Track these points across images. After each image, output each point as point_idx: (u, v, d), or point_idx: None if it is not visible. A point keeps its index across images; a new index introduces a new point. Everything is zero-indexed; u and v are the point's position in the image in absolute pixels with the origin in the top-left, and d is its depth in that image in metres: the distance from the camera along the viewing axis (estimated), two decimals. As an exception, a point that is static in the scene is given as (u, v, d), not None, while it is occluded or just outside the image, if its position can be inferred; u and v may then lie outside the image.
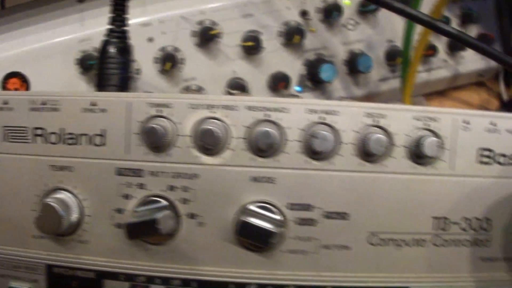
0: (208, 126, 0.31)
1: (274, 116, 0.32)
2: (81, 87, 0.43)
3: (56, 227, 0.32)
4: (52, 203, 0.32)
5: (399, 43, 0.47)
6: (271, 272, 0.33)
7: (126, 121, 0.33)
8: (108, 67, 0.35)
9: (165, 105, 0.32)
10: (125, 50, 0.36)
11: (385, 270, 0.33)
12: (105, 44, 0.36)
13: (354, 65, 0.45)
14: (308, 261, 0.32)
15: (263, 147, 0.31)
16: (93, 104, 0.33)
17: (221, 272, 0.33)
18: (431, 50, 0.48)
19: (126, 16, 0.37)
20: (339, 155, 0.32)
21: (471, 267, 0.34)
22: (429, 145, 0.31)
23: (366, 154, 0.32)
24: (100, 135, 0.33)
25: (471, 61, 0.51)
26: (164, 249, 0.33)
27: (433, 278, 0.33)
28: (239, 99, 0.32)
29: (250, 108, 0.32)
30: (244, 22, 0.44)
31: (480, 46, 0.38)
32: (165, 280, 0.33)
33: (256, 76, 0.45)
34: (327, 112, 0.32)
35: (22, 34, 0.45)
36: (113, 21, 0.36)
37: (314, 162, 0.32)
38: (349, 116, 0.32)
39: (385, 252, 0.33)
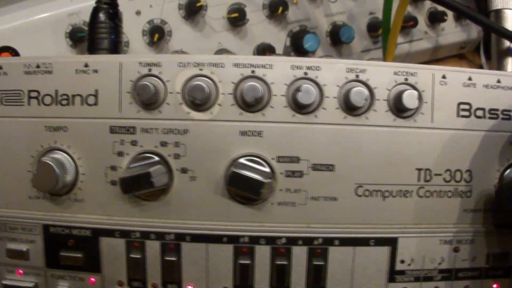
0: (197, 82, 0.33)
1: (260, 72, 0.33)
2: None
3: (52, 185, 0.33)
4: (48, 161, 0.33)
5: (380, 15, 0.49)
6: (262, 224, 0.34)
7: (118, 81, 0.34)
8: (99, 31, 0.36)
9: (155, 64, 0.33)
10: (115, 16, 0.37)
11: (372, 221, 0.34)
12: (96, 10, 0.37)
13: (337, 36, 0.46)
14: (297, 212, 0.34)
15: (250, 101, 0.32)
16: (86, 66, 0.34)
17: (213, 225, 0.34)
18: (411, 21, 0.50)
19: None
20: (323, 109, 0.33)
21: (454, 218, 0.35)
22: (408, 97, 0.33)
23: (348, 107, 0.33)
24: (93, 95, 0.34)
25: (452, 32, 0.53)
26: (157, 204, 0.34)
27: (419, 229, 0.34)
28: (225, 57, 0.33)
29: (236, 65, 0.33)
30: (229, -6, 0.45)
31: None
32: (160, 235, 0.34)
33: (241, 48, 0.46)
34: (310, 68, 0.33)
35: (11, 10, 0.45)
36: (103, -13, 0.37)
37: (299, 116, 0.33)
38: (331, 71, 0.33)
39: (372, 203, 0.34)
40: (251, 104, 0.33)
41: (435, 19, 0.51)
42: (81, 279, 0.36)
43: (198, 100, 0.32)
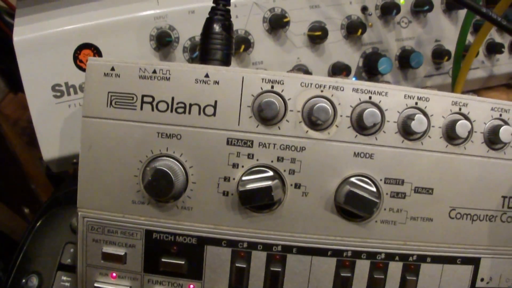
0: (321, 103, 0.34)
1: (376, 98, 0.35)
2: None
3: (167, 192, 0.34)
4: (164, 168, 0.33)
5: (445, 43, 0.52)
6: (364, 240, 0.36)
7: (239, 94, 0.34)
8: (213, 42, 0.36)
9: (278, 82, 0.34)
10: (229, 27, 0.37)
11: (461, 242, 0.37)
12: (210, 21, 0.37)
13: (406, 60, 0.49)
14: (397, 230, 0.36)
15: (369, 125, 0.34)
16: (207, 76, 0.34)
17: (320, 239, 0.35)
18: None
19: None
20: (428, 137, 0.36)
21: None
22: (504, 132, 0.36)
23: (450, 137, 0.36)
24: (212, 106, 0.35)
25: (506, 63, 0.57)
26: (268, 216, 0.35)
27: (499, 250, 0.38)
28: (344, 81, 0.35)
29: (355, 89, 0.35)
30: (311, 12, 0.47)
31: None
32: (267, 246, 0.35)
33: (318, 64, 0.48)
34: (420, 98, 0.36)
35: (98, 6, 0.44)
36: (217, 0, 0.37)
37: (407, 142, 0.36)
38: (439, 103, 0.36)
39: (462, 225, 0.37)
40: (367, 127, 0.35)
41: (492, 50, 0.55)
42: (180, 286, 0.36)
43: (321, 120, 0.34)
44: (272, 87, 0.34)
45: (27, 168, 0.83)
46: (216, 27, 0.36)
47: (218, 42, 0.36)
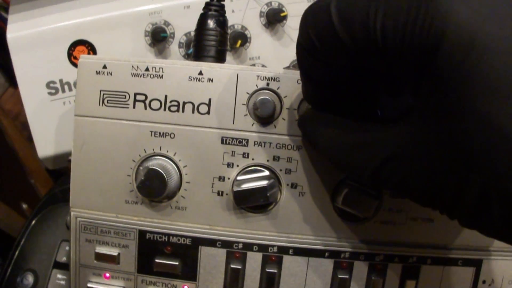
0: (318, 101, 0.33)
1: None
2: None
3: (161, 193, 0.33)
4: (158, 169, 0.33)
5: None
6: (362, 241, 0.35)
7: (234, 92, 0.34)
8: (207, 39, 0.36)
9: (274, 79, 0.34)
10: (223, 23, 0.36)
11: (463, 243, 0.36)
12: (204, 16, 0.36)
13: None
14: (396, 231, 0.35)
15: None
16: (200, 73, 0.34)
17: (317, 240, 0.35)
18: None
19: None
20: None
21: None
22: None
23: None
24: (206, 104, 0.34)
25: None
26: (263, 217, 0.34)
27: (501, 252, 0.37)
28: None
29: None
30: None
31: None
32: (263, 247, 0.35)
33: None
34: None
35: (92, 2, 0.44)
36: (212, -5, 0.36)
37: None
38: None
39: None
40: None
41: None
42: (174, 286, 0.35)
43: (318, 118, 0.33)
44: (268, 84, 0.34)
45: (26, 163, 0.83)
46: (210, 23, 0.36)
47: (212, 39, 0.36)
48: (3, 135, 0.83)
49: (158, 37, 0.42)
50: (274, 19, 0.44)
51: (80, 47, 0.43)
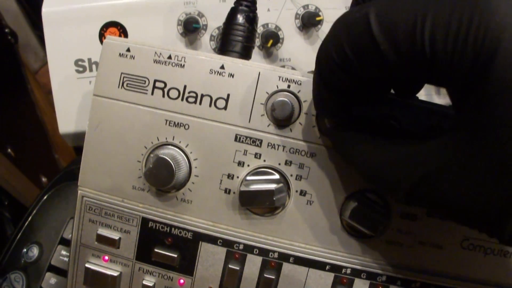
0: (338, 109, 0.32)
1: (398, 111, 0.33)
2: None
3: (167, 182, 0.33)
4: (167, 158, 0.32)
5: None
6: (366, 259, 0.34)
7: (253, 90, 0.33)
8: (234, 33, 0.35)
9: (295, 82, 0.33)
10: (253, 20, 0.36)
11: (470, 274, 0.34)
12: (234, 11, 0.36)
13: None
14: (402, 253, 0.34)
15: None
16: (222, 67, 0.33)
17: (319, 251, 0.34)
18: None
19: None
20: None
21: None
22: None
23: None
24: (224, 99, 0.33)
25: None
26: (268, 221, 0.34)
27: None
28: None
29: (377, 99, 0.33)
30: (346, 13, 0.45)
31: None
32: (263, 252, 0.34)
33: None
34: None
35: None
36: (245, -10, 0.36)
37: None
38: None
39: (473, 257, 0.34)
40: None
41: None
42: (170, 279, 0.35)
43: (336, 127, 0.32)
44: (289, 86, 0.33)
45: (53, 138, 0.84)
46: (239, 18, 0.35)
47: (240, 34, 0.35)
48: (35, 107, 0.84)
49: (190, 28, 0.42)
50: (309, 22, 0.43)
51: (112, 29, 0.43)
